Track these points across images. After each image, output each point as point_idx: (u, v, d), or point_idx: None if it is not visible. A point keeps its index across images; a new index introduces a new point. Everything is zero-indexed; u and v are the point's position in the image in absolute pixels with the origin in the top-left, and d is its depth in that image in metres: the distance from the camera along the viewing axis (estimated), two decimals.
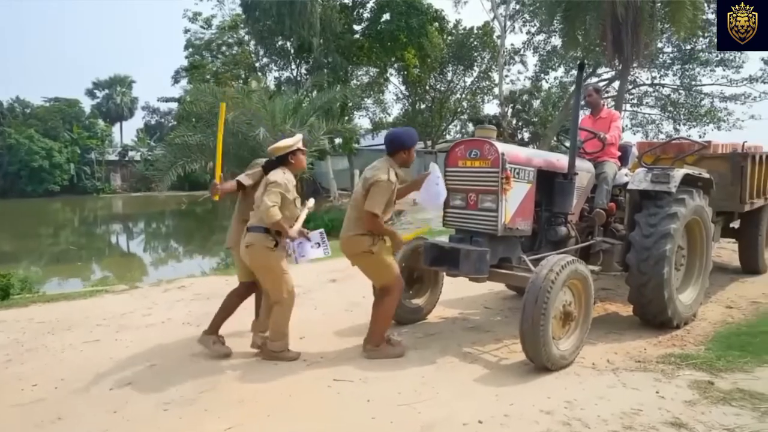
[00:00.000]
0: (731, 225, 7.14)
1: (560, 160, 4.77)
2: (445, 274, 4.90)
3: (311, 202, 4.56)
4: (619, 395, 3.52)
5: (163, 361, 4.26)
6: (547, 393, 3.56)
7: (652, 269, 4.58)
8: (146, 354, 4.41)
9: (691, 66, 24.19)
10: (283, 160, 4.17)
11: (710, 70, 23.93)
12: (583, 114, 5.96)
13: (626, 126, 25.80)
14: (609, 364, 4.11)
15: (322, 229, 4.38)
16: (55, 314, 5.69)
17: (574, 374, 3.90)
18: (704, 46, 23.25)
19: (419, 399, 3.49)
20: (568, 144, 4.93)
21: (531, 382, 3.76)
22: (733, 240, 7.39)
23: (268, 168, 4.20)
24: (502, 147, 4.26)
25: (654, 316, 4.83)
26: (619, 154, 5.56)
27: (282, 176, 4.06)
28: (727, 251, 8.23)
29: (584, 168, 5.04)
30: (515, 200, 4.31)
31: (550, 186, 4.71)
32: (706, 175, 5.32)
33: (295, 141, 4.21)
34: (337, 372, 3.95)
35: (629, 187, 5.01)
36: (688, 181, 4.97)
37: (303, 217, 4.24)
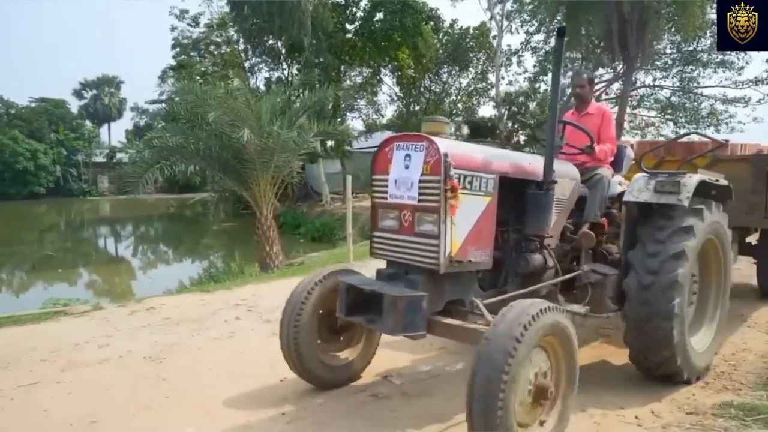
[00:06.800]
0: (747, 240, 6.23)
1: (533, 164, 3.59)
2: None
3: None
4: None
5: (108, 416, 3.47)
6: None
7: (657, 299, 3.45)
8: (90, 404, 3.61)
9: (692, 68, 23.60)
10: None
11: (712, 71, 23.36)
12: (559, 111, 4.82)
13: (625, 130, 25.11)
14: (656, 418, 3.37)
15: None
16: None
17: None
18: (705, 47, 22.76)
19: None
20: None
21: None
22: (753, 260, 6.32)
23: None
24: (444, 145, 3.05)
25: (657, 366, 3.68)
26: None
27: None
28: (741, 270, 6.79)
29: (567, 174, 3.85)
30: (467, 221, 3.12)
31: (520, 199, 3.51)
32: (725, 182, 4.20)
33: None
34: None
35: (626, 198, 3.82)
36: (702, 191, 3.84)
37: None
